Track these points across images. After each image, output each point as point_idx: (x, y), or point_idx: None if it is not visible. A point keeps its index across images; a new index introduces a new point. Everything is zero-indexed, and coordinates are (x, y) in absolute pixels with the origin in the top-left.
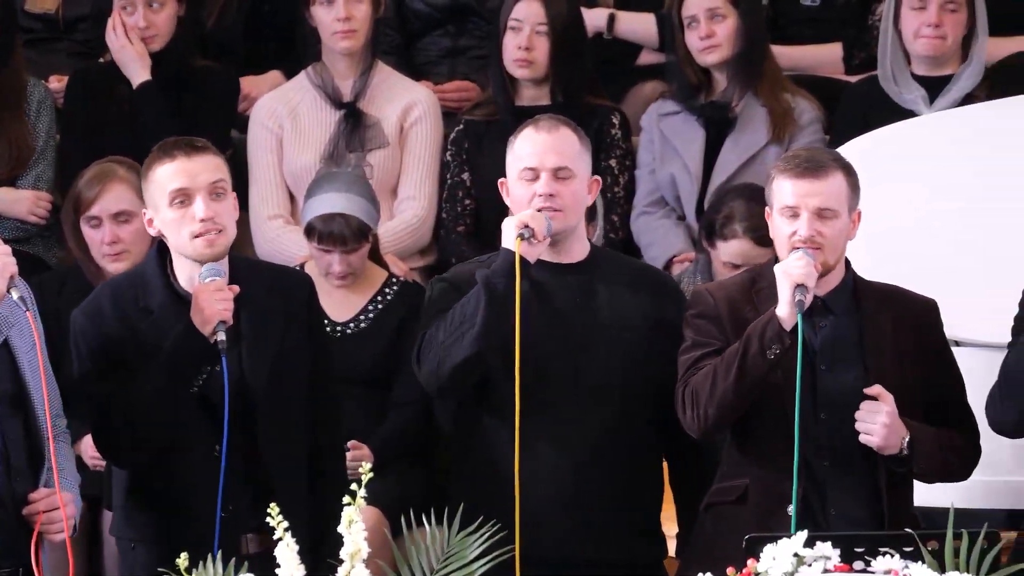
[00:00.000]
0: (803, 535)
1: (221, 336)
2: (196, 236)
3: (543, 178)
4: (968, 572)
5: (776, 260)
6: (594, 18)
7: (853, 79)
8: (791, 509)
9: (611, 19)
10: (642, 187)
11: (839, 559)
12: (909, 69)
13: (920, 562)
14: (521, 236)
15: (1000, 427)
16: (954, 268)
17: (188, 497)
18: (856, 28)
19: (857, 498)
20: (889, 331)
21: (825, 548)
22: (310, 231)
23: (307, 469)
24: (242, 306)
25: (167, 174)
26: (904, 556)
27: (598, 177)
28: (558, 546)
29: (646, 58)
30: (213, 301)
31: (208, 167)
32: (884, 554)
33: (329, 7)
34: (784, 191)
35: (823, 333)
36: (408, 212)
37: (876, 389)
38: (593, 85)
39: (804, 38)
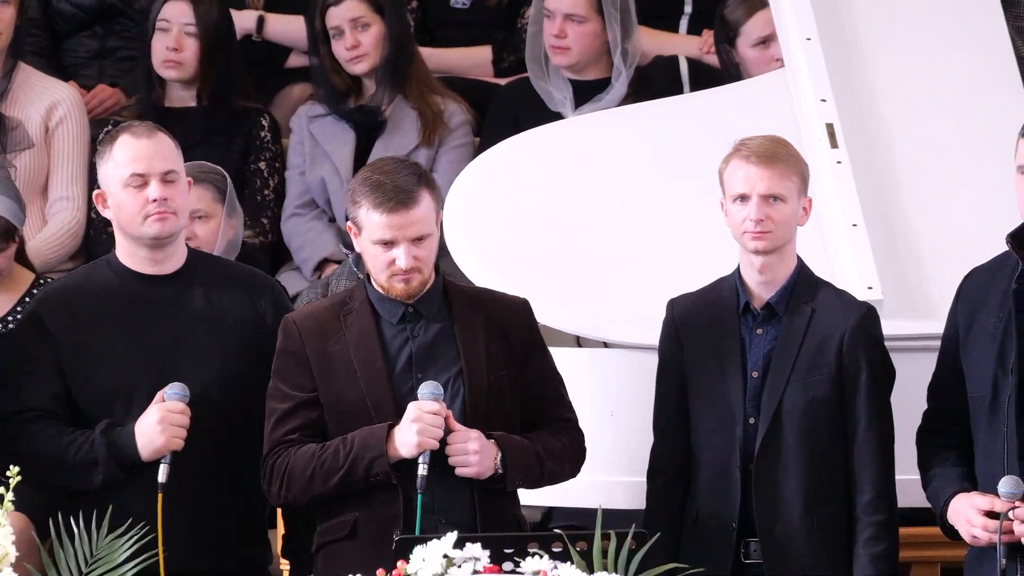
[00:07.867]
0: (453, 535)
1: None
2: None
3: (153, 184)
4: (616, 572)
5: (366, 290)
6: (243, 20)
7: (503, 81)
8: (396, 534)
9: (260, 21)
10: (292, 189)
11: (488, 560)
12: (560, 71)
13: (569, 562)
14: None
15: None
16: (601, 270)
17: None
18: (506, 31)
19: (461, 504)
20: (481, 333)
21: (475, 549)
22: None
23: None
24: None
25: None
26: (553, 556)
27: (191, 178)
28: (181, 559)
29: (296, 60)
30: None
31: None
32: (533, 555)
33: None
34: (376, 225)
35: (418, 341)
36: (63, 215)
37: (452, 422)
38: (243, 87)
39: (454, 41)
